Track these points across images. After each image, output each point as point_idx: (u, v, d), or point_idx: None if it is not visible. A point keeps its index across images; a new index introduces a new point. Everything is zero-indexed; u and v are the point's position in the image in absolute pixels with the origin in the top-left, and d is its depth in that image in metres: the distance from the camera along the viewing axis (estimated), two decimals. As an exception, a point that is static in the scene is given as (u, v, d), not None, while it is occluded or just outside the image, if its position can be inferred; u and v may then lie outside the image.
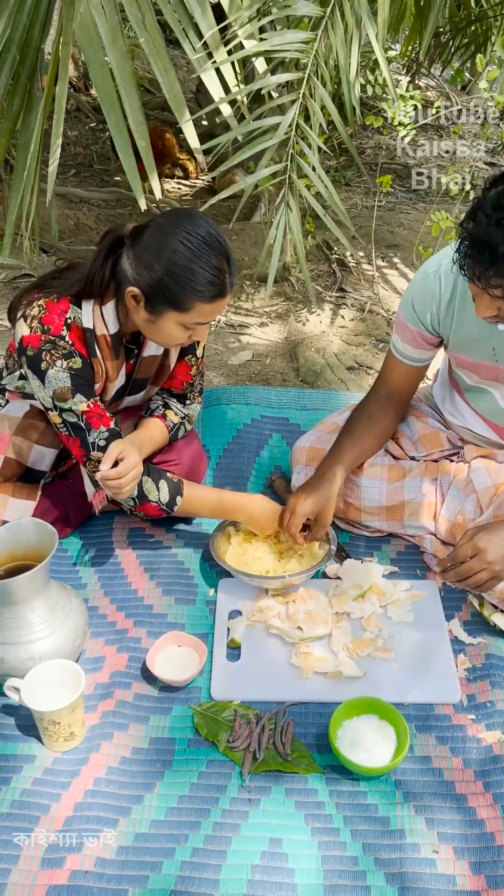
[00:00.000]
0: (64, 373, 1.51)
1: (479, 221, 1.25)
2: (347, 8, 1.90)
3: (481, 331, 1.53)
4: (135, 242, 1.47)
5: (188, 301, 1.44)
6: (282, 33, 2.01)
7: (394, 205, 4.07)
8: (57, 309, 1.51)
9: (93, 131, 4.89)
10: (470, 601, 1.70)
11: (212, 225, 1.45)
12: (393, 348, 1.73)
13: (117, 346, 1.60)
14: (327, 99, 2.01)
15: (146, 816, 1.32)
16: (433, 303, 1.59)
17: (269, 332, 2.91)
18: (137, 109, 2.16)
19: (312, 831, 1.30)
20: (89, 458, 1.59)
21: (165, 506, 1.66)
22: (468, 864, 1.25)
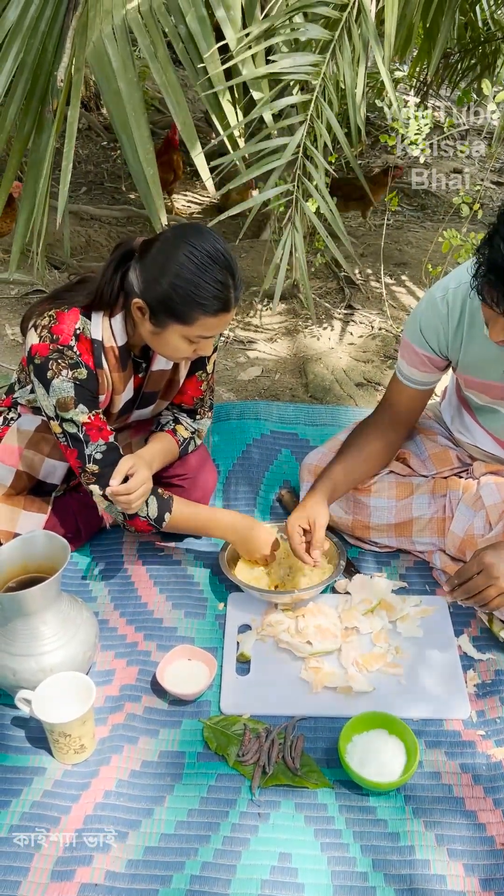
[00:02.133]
0: (68, 383, 1.53)
1: (496, 247, 1.26)
2: (355, 32, 1.94)
3: (491, 352, 1.54)
4: (143, 256, 1.50)
5: (192, 314, 1.46)
6: (290, 55, 2.04)
7: (402, 223, 4.11)
8: (67, 319, 1.53)
9: (104, 150, 4.96)
10: (479, 617, 1.70)
11: (218, 240, 1.47)
12: (398, 373, 1.72)
13: (124, 358, 1.61)
14: (334, 120, 2.04)
15: (156, 830, 1.32)
16: (441, 327, 1.60)
17: (278, 348, 2.93)
18: (147, 139, 2.21)
19: (322, 846, 1.30)
20: (84, 469, 1.60)
21: (154, 521, 1.66)
22: (478, 881, 1.24)
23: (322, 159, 2.04)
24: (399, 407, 1.76)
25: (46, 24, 2.41)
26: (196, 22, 2.23)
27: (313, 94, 1.99)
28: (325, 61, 1.97)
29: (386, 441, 1.77)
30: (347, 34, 1.94)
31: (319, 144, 2.05)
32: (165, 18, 2.25)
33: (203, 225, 1.53)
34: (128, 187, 4.44)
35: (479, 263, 1.30)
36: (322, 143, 2.04)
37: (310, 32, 2.00)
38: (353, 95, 1.99)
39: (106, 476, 1.55)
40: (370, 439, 1.76)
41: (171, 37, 2.27)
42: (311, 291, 3.25)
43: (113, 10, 2.28)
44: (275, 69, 2.03)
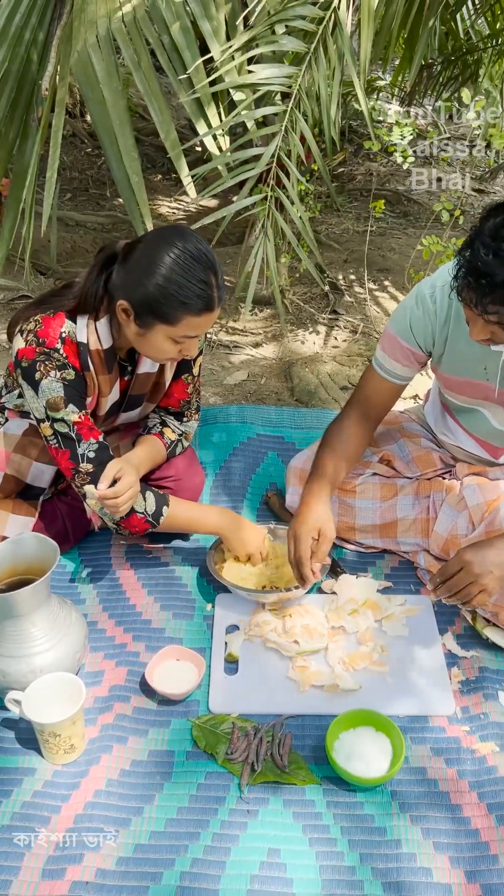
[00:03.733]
0: (57, 383, 1.54)
1: (476, 251, 1.30)
2: (331, 44, 1.96)
3: (474, 351, 1.57)
4: (126, 258, 1.51)
5: (177, 314, 1.48)
6: (266, 66, 2.07)
7: (385, 230, 4.16)
8: (52, 323, 1.54)
9: (88, 156, 4.98)
10: (463, 615, 1.73)
11: (200, 241, 1.49)
12: (376, 365, 1.74)
13: (110, 361, 1.63)
14: (307, 131, 2.06)
15: (146, 828, 1.33)
16: (429, 323, 1.63)
17: (263, 353, 2.96)
18: (131, 146, 2.23)
19: (310, 841, 1.32)
20: (78, 470, 1.61)
21: (151, 517, 1.67)
22: (463, 874, 1.27)
23: (295, 170, 2.07)
24: (373, 400, 1.77)
25: (31, 33, 2.43)
26: (180, 32, 2.26)
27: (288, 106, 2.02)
28: (300, 73, 1.99)
29: (361, 433, 1.78)
30: (323, 47, 1.97)
31: (293, 155, 2.07)
32: (149, 29, 2.28)
33: (185, 226, 1.55)
34: (112, 193, 4.46)
35: (460, 266, 1.34)
36: (295, 153, 2.07)
37: (286, 45, 2.03)
38: (327, 107, 2.01)
39: (101, 475, 1.57)
40: (347, 434, 1.76)
41: (154, 47, 2.30)
42: (297, 297, 3.28)
43: (97, 20, 2.31)
44: (250, 80, 2.05)
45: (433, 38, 3.63)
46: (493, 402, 1.66)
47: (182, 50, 2.27)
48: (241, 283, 2.29)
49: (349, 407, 1.81)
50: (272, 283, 2.25)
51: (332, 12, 1.95)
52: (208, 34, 2.25)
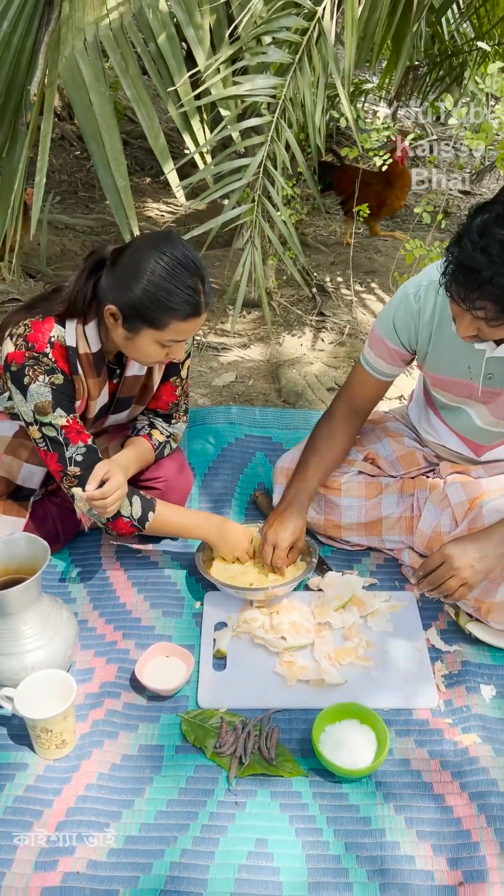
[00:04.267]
0: (45, 387, 1.57)
1: (464, 247, 1.33)
2: (315, 53, 2.00)
3: (458, 349, 1.61)
4: (114, 263, 1.54)
5: (164, 319, 1.51)
6: (251, 78, 2.10)
7: (372, 232, 4.19)
8: (41, 328, 1.57)
9: (77, 159, 5.00)
10: (446, 611, 1.77)
11: (188, 247, 1.53)
12: (364, 362, 1.80)
13: (99, 365, 1.66)
14: (293, 141, 2.09)
15: (136, 820, 1.36)
16: (412, 322, 1.67)
17: (251, 355, 2.99)
18: (118, 151, 2.26)
19: (297, 832, 1.35)
20: (66, 473, 1.63)
21: (137, 521, 1.69)
22: (445, 860, 1.30)
23: (280, 178, 2.10)
24: (360, 396, 1.83)
25: (19, 40, 2.45)
26: (165, 40, 2.29)
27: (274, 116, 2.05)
28: (285, 84, 2.02)
29: (346, 433, 1.84)
30: (308, 57, 2.00)
31: (279, 164, 2.10)
32: (136, 36, 2.31)
33: (173, 232, 1.58)
34: (101, 196, 4.48)
35: (448, 262, 1.38)
36: (281, 162, 2.10)
37: (271, 56, 2.06)
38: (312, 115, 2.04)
39: (88, 478, 1.59)
40: (335, 435, 1.82)
41: (141, 54, 2.33)
42: (284, 299, 3.32)
43: (85, 26, 2.34)
44: (236, 92, 2.08)
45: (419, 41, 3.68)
46: (476, 401, 1.70)
47: (168, 58, 2.31)
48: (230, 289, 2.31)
49: (337, 402, 1.86)
50: (258, 287, 2.28)
51: (317, 23, 1.99)
52: (193, 41, 2.28)
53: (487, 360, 1.59)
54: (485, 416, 1.71)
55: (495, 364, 1.60)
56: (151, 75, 2.36)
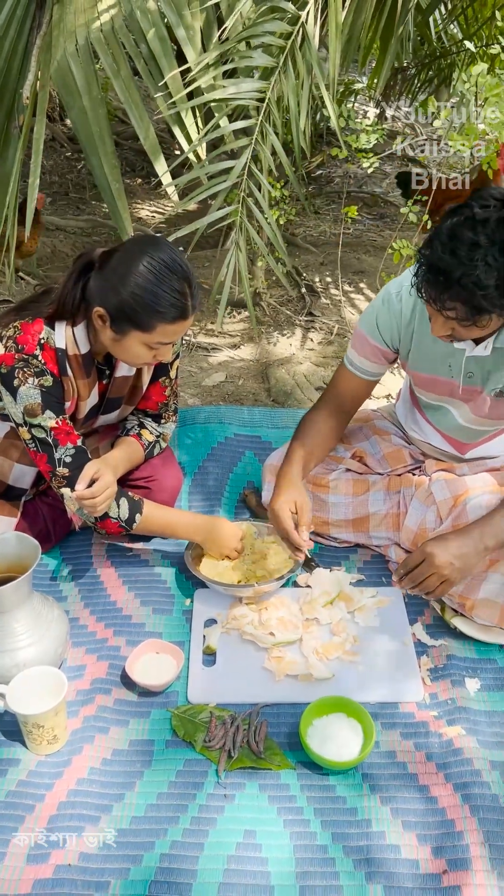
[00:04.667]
0: (35, 390, 1.59)
1: (434, 249, 1.37)
2: (299, 58, 2.02)
3: (438, 348, 1.64)
4: (102, 266, 1.57)
5: (151, 322, 1.53)
6: (236, 81, 2.12)
7: (361, 232, 4.23)
8: (31, 329, 1.59)
9: (68, 160, 5.01)
10: (432, 606, 1.80)
11: (175, 251, 1.55)
12: (348, 362, 1.82)
13: (88, 366, 1.68)
14: (277, 144, 2.11)
15: (127, 813, 1.39)
16: (395, 322, 1.70)
17: (241, 355, 3.02)
18: (111, 153, 2.29)
19: (285, 823, 1.38)
20: (55, 473, 1.65)
21: (125, 523, 1.71)
22: (430, 849, 1.33)
23: (265, 181, 2.13)
24: (344, 396, 1.85)
25: (11, 44, 2.47)
26: (157, 41, 2.32)
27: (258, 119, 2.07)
28: (270, 86, 2.04)
29: (333, 425, 1.85)
30: (292, 60, 2.03)
31: (264, 167, 2.13)
32: (127, 38, 2.33)
33: (160, 237, 1.60)
34: (92, 197, 4.50)
35: (420, 263, 1.41)
36: (266, 165, 2.12)
37: (256, 60, 2.09)
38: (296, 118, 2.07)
39: (76, 479, 1.61)
40: (321, 423, 1.83)
41: (133, 55, 2.36)
42: (273, 300, 3.34)
43: (76, 29, 2.36)
44: (223, 95, 2.11)
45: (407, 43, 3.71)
46: (458, 399, 1.73)
47: (159, 58, 2.33)
48: (215, 289, 2.34)
49: (321, 401, 1.88)
50: (244, 288, 2.30)
51: (301, 27, 2.01)
52: (184, 41, 2.31)
53: (467, 359, 1.63)
54: (466, 414, 1.75)
55: (475, 363, 1.63)
56: (143, 76, 2.38)
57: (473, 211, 1.35)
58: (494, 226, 1.34)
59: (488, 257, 1.33)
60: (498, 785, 1.42)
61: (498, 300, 1.36)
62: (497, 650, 1.70)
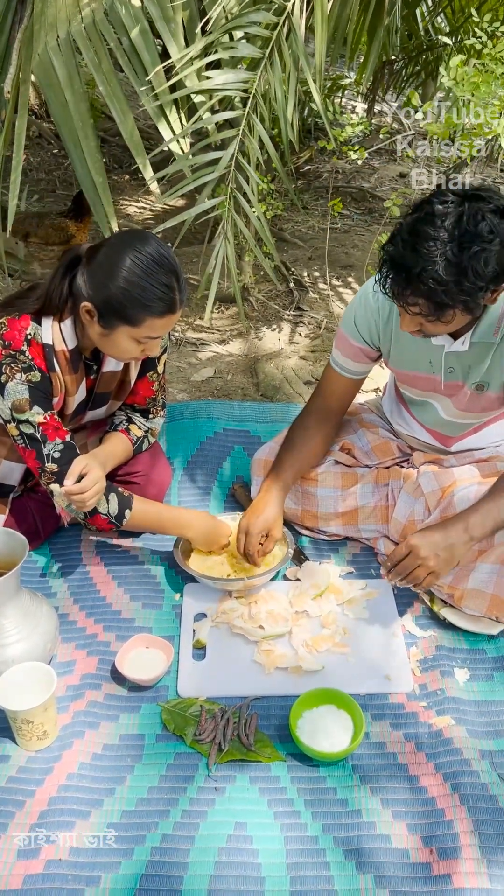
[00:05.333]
0: (22, 385, 1.58)
1: (396, 245, 1.38)
2: (286, 49, 2.02)
3: (418, 345, 1.65)
4: (89, 261, 1.56)
5: (139, 316, 1.53)
6: (223, 72, 2.12)
7: (349, 227, 4.22)
8: (18, 325, 1.58)
9: (55, 157, 4.99)
10: (421, 597, 1.80)
11: (162, 245, 1.55)
12: (333, 363, 1.83)
13: (76, 361, 1.67)
14: (265, 136, 2.11)
15: (118, 807, 1.39)
16: (373, 320, 1.70)
17: (229, 350, 3.01)
18: (94, 147, 2.27)
19: (275, 815, 1.38)
20: (44, 469, 1.65)
21: (114, 519, 1.71)
22: (420, 839, 1.34)
23: (253, 173, 2.12)
24: (332, 396, 1.86)
25: (-8, 38, 2.46)
26: (139, 34, 2.31)
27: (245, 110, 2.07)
28: (256, 78, 2.04)
29: (324, 432, 1.88)
30: (278, 52, 2.02)
31: (252, 159, 2.12)
32: (108, 31, 2.32)
33: (147, 231, 1.59)
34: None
35: (383, 260, 1.41)
36: (254, 157, 2.12)
37: (241, 51, 2.08)
38: (283, 110, 2.06)
39: (65, 474, 1.61)
40: (311, 432, 1.86)
41: (114, 49, 2.34)
42: (262, 294, 3.34)
43: (57, 23, 2.35)
44: (208, 86, 2.10)
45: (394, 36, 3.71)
46: (441, 394, 1.73)
47: (141, 51, 2.32)
48: (203, 282, 2.33)
49: (311, 404, 1.89)
50: (233, 282, 2.30)
51: (286, 17, 2.01)
52: (166, 34, 2.30)
53: (446, 355, 1.63)
54: (449, 408, 1.75)
55: (454, 358, 1.64)
56: (125, 69, 2.37)
57: (434, 207, 1.36)
58: (453, 222, 1.34)
59: (448, 253, 1.34)
60: (487, 774, 1.42)
61: (458, 295, 1.37)
62: (486, 640, 1.71)
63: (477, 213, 1.34)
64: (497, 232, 1.34)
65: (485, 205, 1.35)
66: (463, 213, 1.34)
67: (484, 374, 1.64)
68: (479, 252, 1.33)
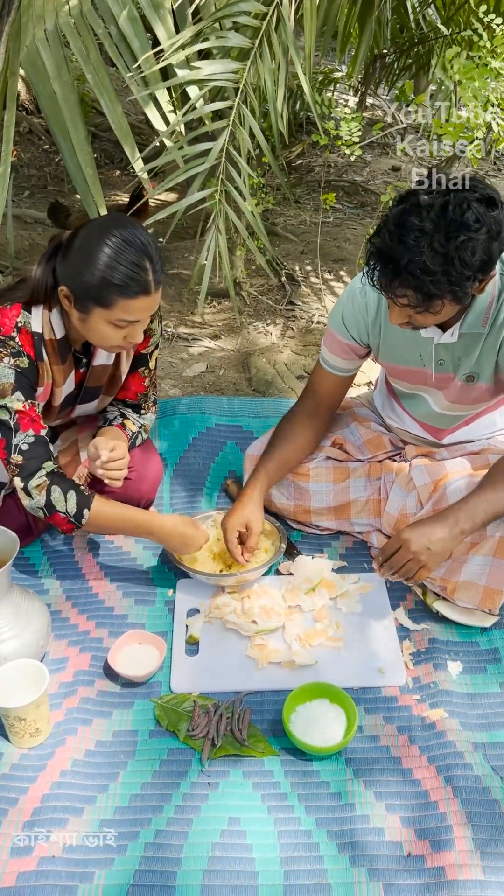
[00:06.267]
0: (10, 369, 1.57)
1: (383, 237, 1.38)
2: (275, 39, 2.00)
3: (407, 339, 1.65)
4: (67, 246, 1.55)
5: (110, 297, 1.50)
6: (212, 62, 2.10)
7: (341, 220, 4.21)
8: (8, 314, 1.57)
9: (46, 153, 4.96)
10: (414, 590, 1.80)
11: (137, 227, 1.52)
12: (322, 361, 1.82)
13: (63, 351, 1.66)
14: (256, 127, 2.10)
15: (111, 804, 1.38)
16: (361, 316, 1.70)
17: (221, 344, 3.01)
18: (84, 139, 2.26)
19: (269, 809, 1.38)
20: (9, 461, 1.60)
21: (73, 518, 1.64)
22: (414, 831, 1.34)
23: (244, 165, 2.11)
24: (322, 394, 1.85)
25: (-21, 32, 2.43)
26: (128, 22, 2.29)
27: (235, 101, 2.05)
28: (245, 68, 2.02)
29: (312, 428, 1.87)
30: (268, 42, 2.01)
31: (242, 150, 2.11)
32: (96, 21, 2.30)
33: (123, 215, 1.58)
34: (70, 190, 4.45)
35: (371, 252, 1.41)
36: (245, 148, 2.10)
37: (231, 40, 2.07)
38: (273, 101, 2.05)
39: (28, 469, 1.58)
40: (297, 429, 1.86)
41: (103, 39, 2.33)
42: (254, 289, 3.33)
43: (45, 14, 2.33)
44: (197, 76, 2.09)
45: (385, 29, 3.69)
46: (432, 387, 1.73)
47: (130, 40, 2.30)
48: (195, 275, 2.32)
49: (300, 402, 1.89)
50: (225, 276, 2.29)
51: (276, 8, 1.99)
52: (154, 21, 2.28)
53: (436, 347, 1.63)
54: (441, 401, 1.75)
55: (444, 350, 1.64)
56: (114, 59, 2.35)
57: (419, 198, 1.36)
58: (439, 211, 1.34)
59: (434, 243, 1.33)
60: (480, 766, 1.43)
61: (446, 285, 1.37)
62: (478, 633, 1.71)
63: (462, 203, 1.33)
64: (483, 221, 1.34)
65: (470, 194, 1.35)
66: (448, 203, 1.34)
67: (473, 365, 1.64)
68: (466, 241, 1.33)
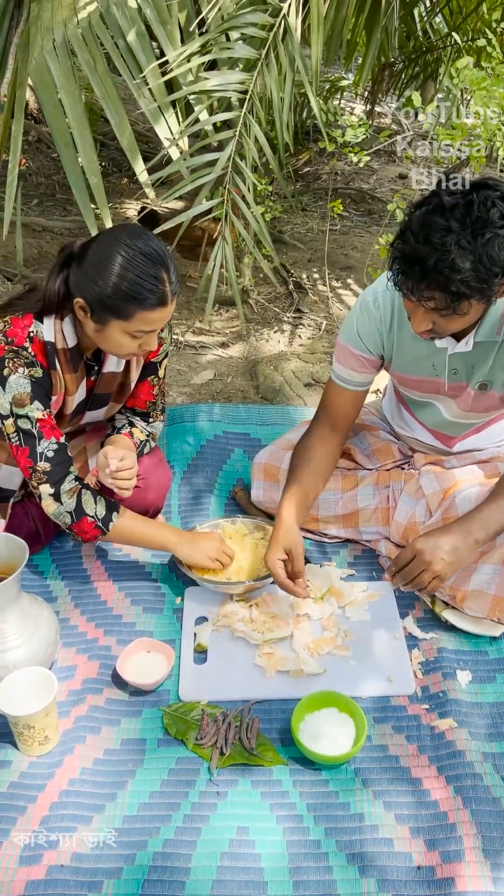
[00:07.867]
0: (25, 379, 1.58)
1: (407, 240, 1.37)
2: (282, 50, 2.01)
3: (420, 349, 1.65)
4: (81, 257, 1.56)
5: (129, 310, 1.51)
6: (219, 73, 2.12)
7: (348, 228, 4.23)
8: (21, 324, 1.58)
9: (54, 161, 4.99)
10: (423, 599, 1.80)
11: (153, 238, 1.54)
12: (335, 378, 1.79)
13: (76, 360, 1.67)
14: (261, 137, 2.11)
15: (119, 812, 1.38)
16: (376, 328, 1.69)
17: (229, 352, 3.01)
18: (90, 147, 2.27)
19: (277, 819, 1.37)
20: (35, 469, 1.62)
21: (101, 521, 1.66)
22: (423, 842, 1.33)
23: (250, 174, 2.12)
24: (337, 411, 1.82)
25: (-11, 43, 2.47)
26: (135, 37, 2.31)
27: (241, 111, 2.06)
28: (252, 79, 2.03)
29: (328, 449, 1.82)
30: (274, 53, 2.02)
31: (248, 160, 2.12)
32: (104, 34, 2.32)
33: (137, 224, 1.58)
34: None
35: (394, 257, 1.40)
36: (251, 157, 2.11)
37: (238, 52, 2.08)
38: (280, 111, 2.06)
39: (57, 475, 1.61)
40: (316, 452, 1.81)
41: (110, 51, 2.35)
42: (261, 297, 3.34)
43: (54, 26, 2.35)
44: (204, 87, 2.10)
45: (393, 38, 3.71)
46: (444, 395, 1.73)
47: (137, 53, 2.32)
48: (202, 284, 2.33)
49: (316, 422, 1.85)
50: (231, 284, 2.30)
51: (282, 19, 2.01)
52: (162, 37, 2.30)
53: (450, 357, 1.63)
54: (453, 409, 1.75)
55: (458, 359, 1.63)
56: (121, 71, 2.37)
57: (442, 199, 1.35)
58: (464, 210, 1.34)
59: (461, 241, 1.33)
60: (490, 776, 1.42)
61: (475, 283, 1.36)
62: (488, 642, 1.70)
63: (486, 201, 1.33)
64: None
65: (492, 192, 1.35)
66: (472, 202, 1.33)
67: (487, 374, 1.64)
68: (493, 238, 1.32)
